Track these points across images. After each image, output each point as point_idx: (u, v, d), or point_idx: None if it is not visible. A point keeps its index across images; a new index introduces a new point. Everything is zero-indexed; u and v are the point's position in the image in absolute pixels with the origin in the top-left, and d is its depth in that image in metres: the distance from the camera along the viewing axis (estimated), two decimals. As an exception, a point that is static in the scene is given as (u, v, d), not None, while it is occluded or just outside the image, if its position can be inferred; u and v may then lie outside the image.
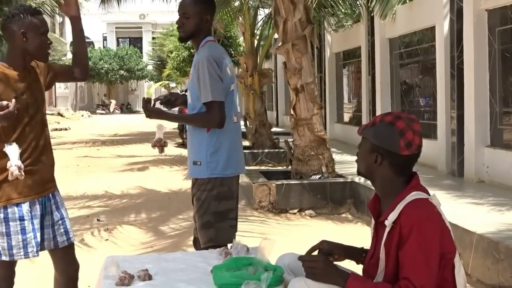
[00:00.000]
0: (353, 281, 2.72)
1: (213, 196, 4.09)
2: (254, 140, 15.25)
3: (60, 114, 41.31)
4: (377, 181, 2.91)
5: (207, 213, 4.09)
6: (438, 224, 2.72)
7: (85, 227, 7.86)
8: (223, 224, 4.08)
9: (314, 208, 8.76)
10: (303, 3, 9.65)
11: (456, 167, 10.02)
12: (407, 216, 2.71)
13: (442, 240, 2.71)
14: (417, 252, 2.66)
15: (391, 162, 2.82)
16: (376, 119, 2.89)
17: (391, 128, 2.80)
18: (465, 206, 7.29)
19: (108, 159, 15.93)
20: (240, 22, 16.20)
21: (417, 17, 12.33)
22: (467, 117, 9.71)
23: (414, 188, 2.83)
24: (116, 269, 3.14)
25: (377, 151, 2.83)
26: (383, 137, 2.81)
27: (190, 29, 4.16)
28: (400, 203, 2.76)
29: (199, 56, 4.09)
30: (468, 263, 5.58)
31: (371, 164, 2.87)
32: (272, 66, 25.63)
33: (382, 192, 2.92)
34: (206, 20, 4.19)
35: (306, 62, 9.59)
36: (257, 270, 2.95)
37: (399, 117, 2.84)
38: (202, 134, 4.10)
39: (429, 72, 12.22)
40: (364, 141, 2.91)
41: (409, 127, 2.80)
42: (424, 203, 2.76)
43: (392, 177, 2.85)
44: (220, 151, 4.09)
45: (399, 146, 2.78)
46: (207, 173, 4.10)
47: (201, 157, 4.11)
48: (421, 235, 2.66)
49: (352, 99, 18.37)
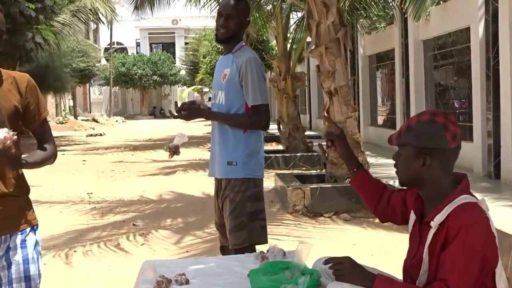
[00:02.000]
0: (380, 282, 2.70)
1: (247, 197, 4.14)
2: (288, 144, 15.23)
3: (95, 120, 41.74)
4: (427, 184, 2.82)
5: (242, 214, 4.13)
6: (485, 230, 2.66)
7: (121, 232, 7.92)
8: (255, 224, 4.14)
9: (349, 211, 8.71)
10: (336, 5, 9.62)
11: (493, 169, 9.91)
12: (455, 219, 2.67)
13: (487, 246, 2.65)
14: (459, 254, 2.61)
15: (441, 160, 2.77)
16: (410, 123, 2.83)
17: (433, 125, 2.76)
18: (503, 209, 7.21)
19: (143, 164, 16.04)
20: (273, 26, 16.20)
21: (451, 18, 12.23)
22: (503, 119, 9.60)
23: (464, 191, 2.77)
24: (154, 273, 3.16)
25: (424, 153, 2.76)
26: (428, 136, 2.75)
27: (233, 31, 4.24)
28: (448, 205, 2.72)
29: (244, 57, 4.14)
30: (507, 267, 5.51)
31: (418, 169, 2.79)
32: (305, 70, 25.62)
33: (430, 195, 2.84)
34: (247, 23, 4.31)
35: (340, 65, 9.55)
36: (294, 274, 2.95)
37: (435, 114, 2.81)
38: (239, 135, 4.14)
39: (464, 73, 12.11)
40: (404, 149, 2.83)
41: (448, 119, 2.77)
42: (473, 207, 2.71)
43: (442, 177, 2.79)
44: (255, 153, 4.19)
45: (447, 140, 2.74)
46: (242, 174, 4.14)
47: (237, 158, 4.15)
48: (467, 239, 2.62)
49: (386, 101, 18.28)
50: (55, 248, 7.13)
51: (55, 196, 10.92)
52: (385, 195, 3.21)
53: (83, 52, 40.18)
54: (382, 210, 3.21)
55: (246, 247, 4.06)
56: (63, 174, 14.16)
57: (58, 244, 7.32)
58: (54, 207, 9.88)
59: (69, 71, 34.01)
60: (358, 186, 3.29)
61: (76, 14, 24.83)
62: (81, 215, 9.18)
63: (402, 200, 3.11)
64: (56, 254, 6.88)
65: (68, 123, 36.07)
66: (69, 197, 10.68)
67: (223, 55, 4.38)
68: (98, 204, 10.07)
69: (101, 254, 6.90)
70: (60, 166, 15.86)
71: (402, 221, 3.14)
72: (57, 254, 6.90)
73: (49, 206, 9.95)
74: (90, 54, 42.05)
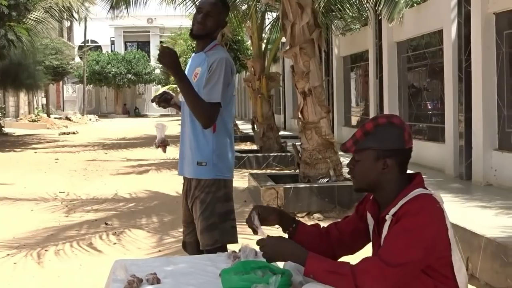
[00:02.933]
0: (312, 260, 2.73)
1: (217, 198, 4.11)
2: (262, 144, 15.26)
3: (68, 118, 41.43)
4: (386, 188, 2.86)
5: (213, 215, 4.10)
6: (435, 217, 2.70)
7: (93, 231, 7.88)
8: (226, 225, 4.13)
9: (322, 211, 8.75)
10: (311, 6, 9.66)
11: (464, 170, 10.01)
12: (405, 206, 2.72)
13: (434, 234, 2.68)
14: (401, 234, 2.65)
15: (400, 160, 2.83)
16: (366, 128, 2.85)
17: (392, 127, 2.82)
18: (473, 210, 7.29)
19: (116, 163, 15.96)
20: (248, 26, 16.22)
21: (424, 21, 12.33)
22: (475, 121, 9.70)
23: (418, 186, 2.83)
24: (125, 272, 3.14)
25: (385, 155, 2.81)
26: (389, 138, 2.81)
27: (209, 29, 4.18)
28: (403, 198, 2.76)
29: (217, 56, 4.08)
30: (476, 267, 5.57)
31: (378, 173, 2.83)
32: (280, 70, 25.66)
33: (386, 196, 2.87)
34: (223, 24, 4.29)
35: (314, 65, 9.59)
36: (266, 273, 2.96)
37: (389, 116, 2.89)
38: (207, 135, 4.10)
39: (437, 75, 12.21)
40: (362, 154, 2.85)
41: (402, 121, 2.87)
42: (426, 198, 2.77)
43: (399, 177, 2.85)
44: (225, 153, 4.15)
45: (405, 140, 2.82)
46: (212, 174, 4.11)
47: (207, 158, 4.11)
48: (413, 221, 2.65)
49: (360, 102, 18.38)
50: (26, 247, 7.08)
51: (26, 194, 10.83)
52: (332, 231, 3.16)
53: (56, 49, 39.82)
54: (341, 244, 3.14)
55: (218, 248, 4.04)
56: (35, 173, 14.05)
57: (29, 243, 7.27)
58: (26, 205, 9.79)
59: (42, 68, 33.67)
60: (303, 240, 3.05)
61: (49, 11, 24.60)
62: (53, 214, 9.12)
63: (360, 218, 3.11)
64: (28, 253, 6.82)
65: (40, 121, 35.76)
66: (41, 196, 10.59)
67: (195, 53, 4.34)
68: (71, 202, 10.00)
69: (73, 253, 6.86)
70: (32, 164, 15.75)
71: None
72: (29, 253, 6.84)
73: (20, 205, 9.86)
74: (63, 52, 41.70)
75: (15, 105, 39.06)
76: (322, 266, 2.72)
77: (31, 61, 28.74)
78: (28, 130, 31.01)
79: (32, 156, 18.27)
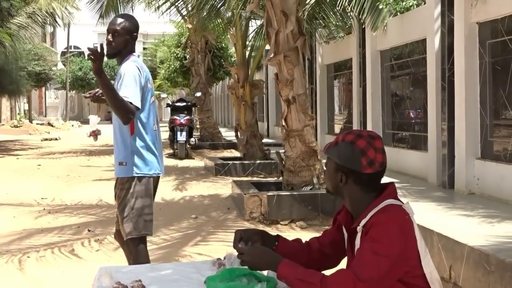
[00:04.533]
0: (284, 266, 2.78)
1: (133, 193, 4.62)
2: (245, 151, 15.26)
3: (50, 124, 41.21)
4: (346, 199, 2.93)
5: (126, 209, 4.63)
6: (403, 228, 2.72)
7: (76, 238, 7.83)
8: (140, 219, 4.62)
9: (305, 219, 8.76)
10: (295, 14, 9.69)
11: (447, 179, 10.05)
12: (374, 218, 2.74)
13: (406, 245, 2.70)
14: (370, 246, 2.67)
15: (356, 181, 2.85)
16: (338, 138, 2.91)
17: (352, 147, 2.83)
18: (456, 218, 7.32)
19: (99, 169, 15.88)
20: (232, 33, 16.23)
21: (408, 30, 12.41)
22: (457, 129, 9.76)
23: (389, 197, 2.85)
24: (110, 279, 3.13)
25: (341, 170, 2.85)
26: (345, 156, 2.83)
27: (119, 47, 4.67)
28: (373, 209, 2.79)
29: (124, 66, 4.61)
30: (459, 275, 5.60)
31: (337, 183, 2.89)
32: (264, 77, 25.71)
33: (353, 209, 2.93)
34: (134, 38, 4.75)
35: (298, 73, 9.62)
36: (251, 281, 2.96)
37: (360, 136, 2.86)
38: (126, 137, 4.60)
39: (420, 84, 12.28)
40: (329, 160, 2.93)
41: (370, 145, 2.82)
42: (396, 209, 2.79)
43: (360, 194, 2.87)
44: (139, 153, 4.61)
45: (362, 165, 2.80)
46: (130, 173, 4.62)
47: (126, 158, 4.63)
48: (381, 232, 2.68)
49: (343, 110, 18.43)
50: (8, 254, 7.03)
51: (8, 200, 10.75)
52: (314, 244, 3.18)
53: (39, 55, 39.60)
54: (322, 256, 3.15)
55: (136, 238, 4.63)
56: (17, 179, 13.96)
57: (10, 250, 7.22)
58: (8, 211, 9.72)
59: (25, 74, 33.46)
60: (285, 254, 2.99)
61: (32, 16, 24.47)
62: (35, 220, 9.06)
63: (337, 228, 3.13)
64: (9, 260, 6.77)
65: (22, 127, 35.53)
66: (23, 202, 10.52)
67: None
68: (53, 209, 9.94)
69: (55, 260, 6.82)
70: (14, 170, 15.64)
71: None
72: (10, 259, 6.80)
73: (2, 210, 9.79)
74: (46, 58, 41.48)
75: (-4, 111, 38.82)
76: (293, 272, 2.76)
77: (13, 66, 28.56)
78: (10, 136, 30.79)
79: (14, 162, 18.15)
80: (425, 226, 6.23)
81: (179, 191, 11.88)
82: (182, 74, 27.44)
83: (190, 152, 19.02)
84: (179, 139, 18.48)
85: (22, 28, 23.75)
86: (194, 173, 14.97)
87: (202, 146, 21.13)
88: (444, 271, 5.78)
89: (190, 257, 6.76)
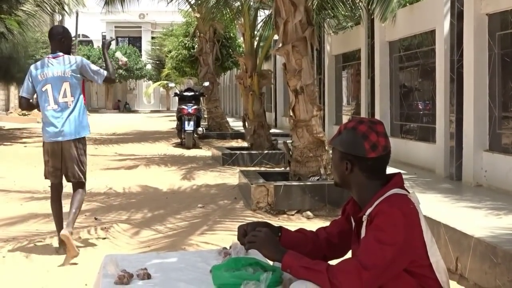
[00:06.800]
0: (290, 256, 2.80)
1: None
2: (253, 141, 15.25)
3: (58, 112, 41.14)
4: (353, 188, 2.94)
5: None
6: (407, 217, 2.72)
7: (82, 225, 7.85)
8: (45, 169, 6.85)
9: (312, 209, 8.75)
10: (304, 4, 9.66)
11: (454, 171, 10.03)
12: (379, 206, 2.75)
13: (411, 234, 2.71)
14: (374, 234, 2.68)
15: (361, 167, 2.87)
16: (340, 128, 2.96)
17: (354, 133, 2.86)
18: (463, 210, 7.30)
19: (107, 158, 15.91)
20: (240, 23, 16.20)
21: (417, 21, 12.35)
22: (466, 121, 9.72)
23: (395, 186, 2.85)
24: (115, 267, 3.14)
25: (346, 158, 2.88)
26: (348, 143, 2.87)
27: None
28: (379, 199, 2.80)
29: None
30: (465, 267, 5.59)
31: (343, 173, 2.91)
32: (272, 67, 25.64)
33: (360, 196, 2.93)
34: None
35: (306, 63, 9.59)
36: (256, 270, 2.96)
37: (361, 122, 2.90)
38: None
39: (429, 75, 12.23)
40: (334, 151, 2.97)
41: (371, 129, 2.85)
42: (401, 198, 2.78)
43: (366, 182, 2.88)
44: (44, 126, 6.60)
45: (365, 149, 2.83)
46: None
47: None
48: (385, 221, 2.68)
49: (351, 101, 18.38)
50: (15, 241, 7.05)
51: (16, 188, 10.78)
52: (321, 234, 3.21)
53: (47, 43, 39.60)
54: (330, 246, 3.17)
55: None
56: (25, 167, 13.99)
57: (18, 237, 7.24)
58: (15, 199, 9.75)
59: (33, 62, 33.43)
60: (288, 245, 3.04)
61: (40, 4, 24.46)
62: (42, 207, 9.07)
63: (345, 218, 3.15)
64: (16, 247, 6.79)
65: (30, 115, 35.57)
66: (30, 189, 10.54)
67: None
68: (60, 197, 9.94)
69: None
70: (22, 158, 15.68)
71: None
72: (18, 247, 6.82)
73: (10, 198, 9.83)
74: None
75: (5, 99, 38.88)
76: (298, 262, 2.78)
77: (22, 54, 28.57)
78: (18, 124, 30.87)
79: (22, 150, 18.19)
80: (432, 218, 6.22)
81: (186, 180, 11.88)
82: (190, 63, 27.45)
83: (198, 142, 19.01)
84: (187, 128, 18.49)
85: (30, 16, 23.75)
86: (201, 162, 14.98)
87: (209, 135, 21.13)
88: (450, 262, 5.77)
89: (196, 246, 6.76)
